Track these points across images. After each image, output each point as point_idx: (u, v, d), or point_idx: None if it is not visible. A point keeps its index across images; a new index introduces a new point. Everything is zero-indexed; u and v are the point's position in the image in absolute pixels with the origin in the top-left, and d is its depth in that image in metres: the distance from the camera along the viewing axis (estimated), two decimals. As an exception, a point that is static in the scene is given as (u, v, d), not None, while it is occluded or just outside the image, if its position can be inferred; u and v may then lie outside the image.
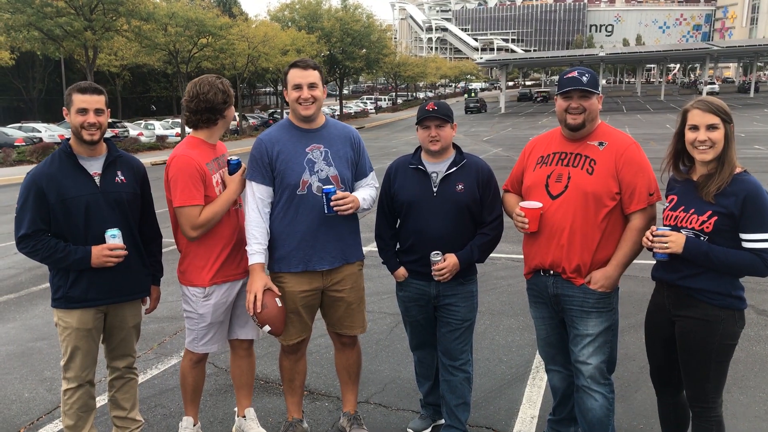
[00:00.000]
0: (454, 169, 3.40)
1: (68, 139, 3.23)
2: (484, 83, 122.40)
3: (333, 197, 3.24)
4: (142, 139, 31.09)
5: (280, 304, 3.32)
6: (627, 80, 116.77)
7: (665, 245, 2.78)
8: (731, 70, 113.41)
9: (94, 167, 3.21)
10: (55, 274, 3.20)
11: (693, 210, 2.80)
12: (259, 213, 3.36)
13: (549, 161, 3.22)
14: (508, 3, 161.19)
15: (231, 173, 3.43)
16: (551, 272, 3.18)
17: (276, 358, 4.00)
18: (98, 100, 3.16)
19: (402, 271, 3.52)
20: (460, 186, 3.37)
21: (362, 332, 3.68)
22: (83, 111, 3.11)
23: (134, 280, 3.33)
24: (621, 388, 4.31)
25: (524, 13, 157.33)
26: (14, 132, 28.49)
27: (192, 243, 3.39)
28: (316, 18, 49.15)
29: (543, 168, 3.22)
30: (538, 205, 3.12)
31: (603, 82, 62.57)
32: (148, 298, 3.52)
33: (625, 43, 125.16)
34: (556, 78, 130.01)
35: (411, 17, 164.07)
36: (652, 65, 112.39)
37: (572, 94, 3.08)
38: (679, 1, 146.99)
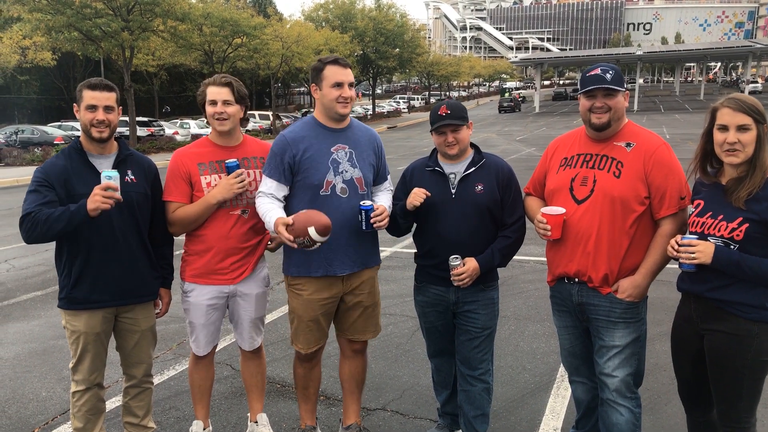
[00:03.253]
0: (473, 169, 3.26)
1: (79, 137, 3.19)
2: (518, 82, 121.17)
3: (373, 214, 3.14)
4: (178, 137, 31.49)
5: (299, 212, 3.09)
6: (665, 79, 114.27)
7: (692, 255, 2.58)
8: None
9: (104, 165, 3.14)
10: (60, 272, 3.15)
11: (722, 216, 2.61)
12: (267, 197, 3.22)
13: (573, 163, 3.06)
14: (543, 1, 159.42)
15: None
16: (576, 280, 3.02)
17: (292, 360, 3.89)
18: (108, 97, 3.09)
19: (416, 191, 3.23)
20: (479, 187, 3.23)
21: (375, 336, 3.56)
22: (92, 108, 3.05)
23: (141, 282, 3.25)
24: (650, 400, 4.11)
25: (560, 11, 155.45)
26: (54, 131, 29.11)
27: (187, 237, 3.42)
28: (350, 18, 49.16)
29: (567, 170, 3.06)
30: (560, 210, 2.96)
31: (640, 81, 61.27)
32: (160, 301, 3.45)
33: (664, 41, 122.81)
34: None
35: (445, 16, 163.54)
36: (692, 64, 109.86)
37: (596, 93, 2.91)
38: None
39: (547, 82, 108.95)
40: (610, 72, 2.89)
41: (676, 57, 74.46)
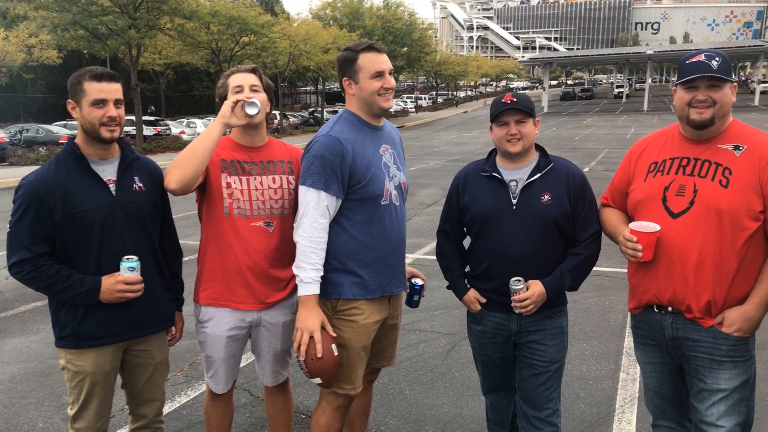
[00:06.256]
0: (538, 175, 2.76)
1: (73, 139, 2.68)
2: (525, 82, 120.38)
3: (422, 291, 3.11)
4: (184, 137, 31.09)
5: (336, 353, 2.69)
6: (674, 79, 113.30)
7: None
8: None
9: (108, 173, 2.64)
10: (60, 307, 2.61)
11: None
12: (324, 231, 2.68)
13: (665, 169, 2.56)
14: (551, 1, 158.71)
15: None
16: (670, 309, 2.53)
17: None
18: (117, 89, 2.59)
19: (473, 294, 2.89)
20: (546, 196, 2.74)
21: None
22: (101, 102, 2.53)
23: (158, 307, 2.76)
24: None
25: (567, 11, 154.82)
26: (60, 130, 28.70)
27: (203, 252, 2.90)
28: (358, 16, 48.74)
29: (658, 177, 2.56)
30: (655, 228, 2.45)
31: (649, 80, 60.66)
32: (173, 327, 2.97)
33: (672, 41, 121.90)
34: (600, 77, 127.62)
35: (452, 16, 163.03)
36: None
37: (698, 84, 2.42)
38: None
39: (554, 82, 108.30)
40: (717, 59, 2.40)
41: (686, 56, 73.70)
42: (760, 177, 2.37)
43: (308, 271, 2.64)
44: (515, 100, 2.74)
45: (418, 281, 3.07)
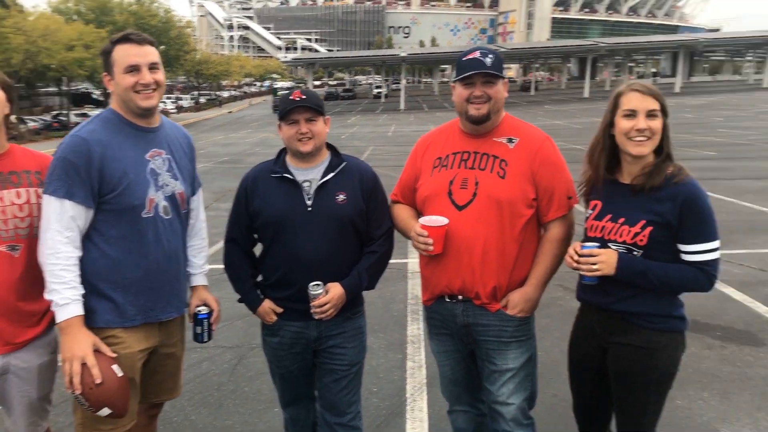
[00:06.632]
0: (332, 175, 2.66)
1: None
2: (290, 82, 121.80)
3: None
4: None
5: (120, 373, 2.33)
6: (424, 80, 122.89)
7: (594, 266, 2.29)
8: (513, 71, 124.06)
9: None
10: None
11: (623, 219, 2.34)
12: (73, 246, 2.32)
13: (449, 163, 2.62)
14: (309, 2, 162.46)
15: None
16: (460, 298, 2.60)
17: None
18: None
19: (268, 304, 2.70)
20: (341, 196, 2.65)
21: (180, 394, 2.91)
22: None
23: None
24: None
25: (326, 13, 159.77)
26: None
27: None
28: (107, 11, 45.15)
29: (443, 172, 2.61)
30: (443, 221, 2.49)
31: (404, 81, 65.07)
32: None
33: (422, 44, 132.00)
34: (359, 78, 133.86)
35: (210, 14, 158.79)
36: (447, 66, 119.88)
37: (475, 80, 2.51)
38: (467, 6, 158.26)
39: (318, 83, 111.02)
40: (490, 56, 2.49)
41: (434, 59, 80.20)
42: (532, 167, 2.53)
43: (62, 292, 2.27)
44: (305, 97, 2.61)
45: (203, 310, 2.73)
